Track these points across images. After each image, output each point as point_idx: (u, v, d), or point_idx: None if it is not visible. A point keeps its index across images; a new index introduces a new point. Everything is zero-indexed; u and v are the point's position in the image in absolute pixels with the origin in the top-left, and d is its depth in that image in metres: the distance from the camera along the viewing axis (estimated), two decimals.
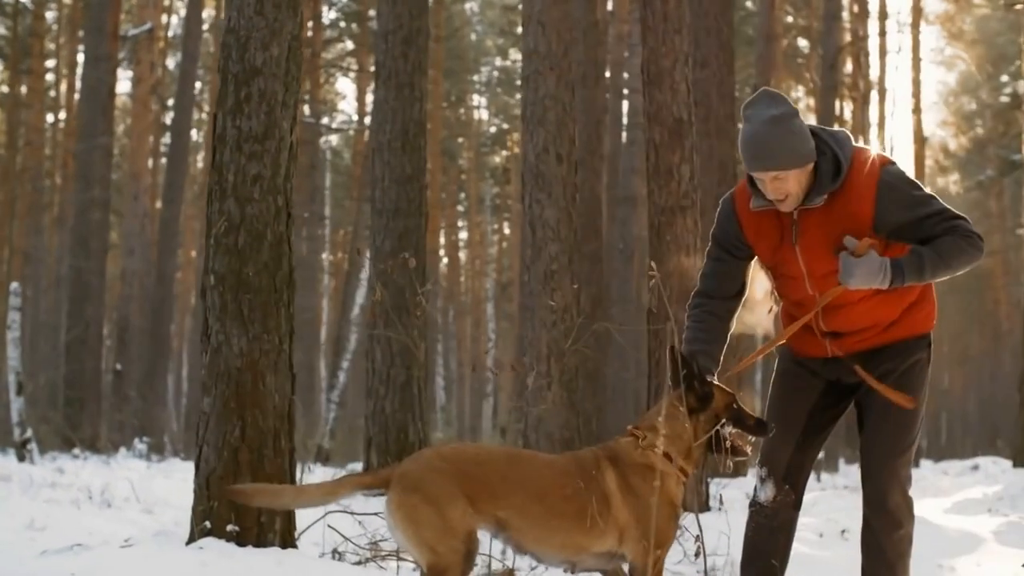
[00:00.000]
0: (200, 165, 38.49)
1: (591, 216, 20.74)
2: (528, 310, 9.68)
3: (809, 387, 5.13)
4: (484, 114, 52.21)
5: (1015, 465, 20.09)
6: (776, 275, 5.04)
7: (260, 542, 6.11)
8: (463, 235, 53.25)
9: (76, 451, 20.45)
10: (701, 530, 4.77)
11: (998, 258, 45.05)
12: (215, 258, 6.26)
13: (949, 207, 4.74)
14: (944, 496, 15.38)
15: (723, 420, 4.67)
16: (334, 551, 6.82)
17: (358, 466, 16.45)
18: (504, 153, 52.05)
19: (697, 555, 4.78)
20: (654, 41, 9.59)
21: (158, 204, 31.48)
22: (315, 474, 13.15)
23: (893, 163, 4.82)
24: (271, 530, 6.18)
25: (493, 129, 52.38)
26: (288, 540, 6.29)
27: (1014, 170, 37.78)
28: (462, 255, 53.70)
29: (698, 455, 4.67)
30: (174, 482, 13.45)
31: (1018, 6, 14.95)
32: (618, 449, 4.55)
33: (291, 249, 6.41)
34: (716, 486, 10.59)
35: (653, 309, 4.25)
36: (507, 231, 55.03)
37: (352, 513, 7.41)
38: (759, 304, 5.27)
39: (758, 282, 5.23)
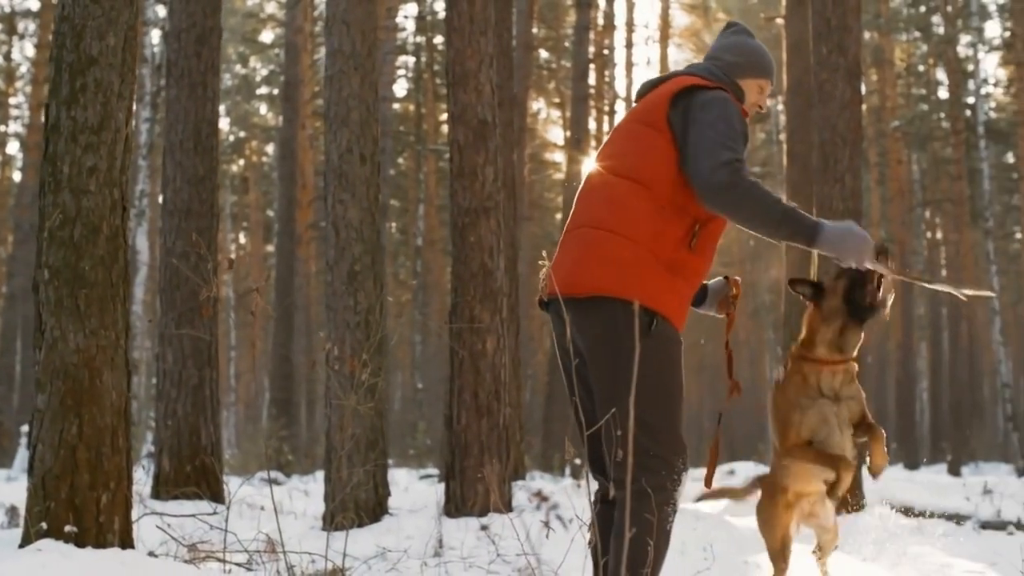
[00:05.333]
0: None
1: None
2: (332, 311, 9.64)
3: None
4: (224, 123, 51.37)
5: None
6: None
7: (99, 543, 5.96)
8: None
9: None
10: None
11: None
12: (49, 252, 6.07)
13: None
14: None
15: None
16: (150, 552, 6.77)
17: None
18: (242, 162, 51.41)
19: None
20: (459, 42, 9.71)
21: None
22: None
23: None
24: (110, 530, 6.03)
25: (232, 138, 51.66)
26: (127, 540, 6.15)
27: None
28: None
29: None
30: None
31: (779, 20, 15.67)
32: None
33: (127, 243, 6.27)
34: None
35: (544, 298, 4.22)
36: (243, 240, 54.41)
37: (164, 515, 7.40)
38: None
39: None
